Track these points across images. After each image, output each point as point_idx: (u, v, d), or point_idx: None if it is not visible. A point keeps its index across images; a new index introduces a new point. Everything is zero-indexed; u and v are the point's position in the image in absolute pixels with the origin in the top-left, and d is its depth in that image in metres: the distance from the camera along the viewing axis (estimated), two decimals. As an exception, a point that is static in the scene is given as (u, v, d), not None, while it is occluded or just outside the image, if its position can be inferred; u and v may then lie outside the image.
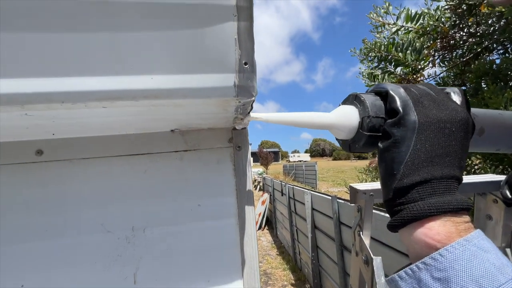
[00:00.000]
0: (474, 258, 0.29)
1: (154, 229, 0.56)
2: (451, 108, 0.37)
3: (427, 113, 0.36)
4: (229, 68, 0.39)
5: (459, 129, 0.36)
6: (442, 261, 0.30)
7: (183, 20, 0.36)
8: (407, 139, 0.35)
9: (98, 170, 0.56)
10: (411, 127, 0.35)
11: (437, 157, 0.35)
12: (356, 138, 0.43)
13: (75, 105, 0.37)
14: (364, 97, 0.42)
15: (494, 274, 0.28)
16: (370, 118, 0.40)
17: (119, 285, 0.53)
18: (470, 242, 0.31)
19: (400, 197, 0.36)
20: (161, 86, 0.38)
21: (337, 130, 0.45)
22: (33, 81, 0.34)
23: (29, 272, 0.52)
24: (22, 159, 0.54)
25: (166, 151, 0.59)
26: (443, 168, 0.35)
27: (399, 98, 0.38)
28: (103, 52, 0.36)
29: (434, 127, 0.35)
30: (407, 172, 0.35)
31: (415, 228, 0.34)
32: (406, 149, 0.35)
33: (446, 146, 0.35)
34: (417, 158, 0.35)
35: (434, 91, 0.39)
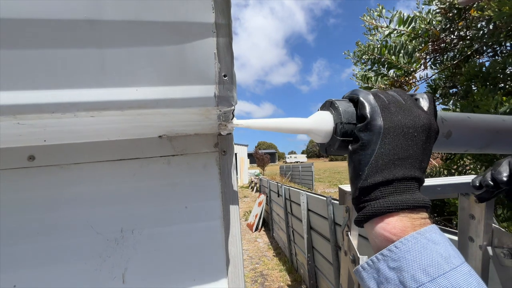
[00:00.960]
0: (424, 250, 0.32)
1: (142, 230, 0.59)
2: (415, 114, 0.40)
3: (392, 119, 0.39)
4: (210, 80, 0.42)
5: (420, 134, 0.39)
6: (396, 252, 0.33)
7: (166, 36, 0.39)
8: (372, 143, 0.38)
9: (88, 174, 0.59)
10: (376, 131, 0.38)
11: (399, 160, 0.37)
12: (331, 142, 0.46)
13: (64, 115, 0.39)
14: (338, 104, 0.45)
15: (440, 263, 0.31)
16: (342, 124, 0.43)
17: (108, 285, 0.56)
18: (422, 235, 0.34)
19: (364, 196, 0.39)
20: (146, 97, 0.40)
21: (315, 135, 0.47)
22: (25, 93, 0.37)
23: (22, 273, 0.54)
24: (15, 164, 0.56)
25: (154, 156, 0.61)
26: (404, 170, 0.37)
27: (368, 105, 0.40)
28: (91, 66, 0.38)
29: (398, 131, 0.38)
30: (371, 173, 0.38)
31: (375, 223, 0.37)
32: (371, 152, 0.38)
33: (408, 149, 0.38)
34: (380, 160, 0.38)
35: (403, 97, 0.42)
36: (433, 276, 0.30)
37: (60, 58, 0.37)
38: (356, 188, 0.39)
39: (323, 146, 0.50)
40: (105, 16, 0.37)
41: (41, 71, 0.37)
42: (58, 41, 0.37)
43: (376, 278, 0.35)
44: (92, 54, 0.38)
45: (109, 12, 0.37)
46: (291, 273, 5.34)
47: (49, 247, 0.56)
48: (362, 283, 0.37)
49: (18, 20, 0.35)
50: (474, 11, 2.33)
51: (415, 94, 0.45)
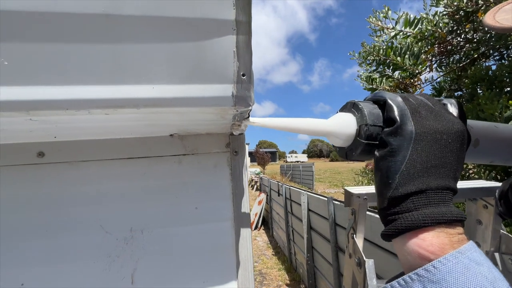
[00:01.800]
0: (467, 271, 0.29)
1: (152, 230, 0.58)
2: (447, 119, 0.37)
3: (424, 124, 0.36)
4: (228, 79, 0.41)
5: (455, 141, 0.36)
6: (435, 273, 0.30)
7: (185, 33, 0.38)
8: (403, 148, 0.35)
9: (98, 172, 0.58)
10: (407, 137, 0.35)
11: (433, 168, 0.35)
12: (353, 146, 0.43)
13: (78, 112, 0.38)
14: (362, 105, 0.42)
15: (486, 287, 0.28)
16: (367, 126, 0.40)
17: (117, 285, 0.55)
18: (463, 254, 0.31)
19: (394, 207, 0.35)
20: (162, 95, 0.39)
21: (334, 138, 0.44)
22: (39, 88, 0.36)
23: (29, 271, 0.53)
24: (24, 160, 0.55)
25: (165, 155, 0.60)
26: (438, 179, 0.35)
27: (397, 108, 0.38)
28: (107, 62, 0.37)
29: (431, 137, 0.35)
30: (402, 182, 0.35)
31: (408, 238, 0.34)
32: (402, 159, 0.35)
33: (442, 157, 0.35)
34: (412, 168, 0.35)
35: (431, 102, 0.39)
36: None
37: (76, 53, 0.36)
38: (385, 198, 0.36)
39: (342, 151, 0.46)
40: (123, 11, 0.35)
41: (55, 67, 0.36)
42: (74, 36, 0.35)
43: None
44: (108, 50, 0.37)
45: (127, 7, 0.35)
46: (289, 273, 5.35)
47: (57, 245, 0.55)
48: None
49: (33, 13, 0.34)
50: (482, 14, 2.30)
51: (441, 99, 0.42)
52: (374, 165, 0.39)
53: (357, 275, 1.13)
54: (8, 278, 0.52)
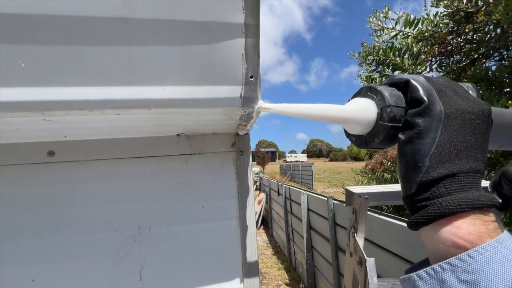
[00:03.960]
0: (507, 262, 0.27)
1: (159, 228, 0.59)
2: (473, 100, 0.35)
3: (452, 103, 0.34)
4: (236, 81, 0.42)
5: (483, 121, 0.34)
6: (471, 263, 0.28)
7: (195, 36, 0.39)
8: (432, 129, 0.33)
9: (107, 171, 0.59)
10: (437, 117, 0.33)
11: (464, 150, 0.33)
12: (374, 132, 0.40)
13: (92, 112, 0.39)
14: (380, 88, 0.40)
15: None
16: (391, 108, 0.37)
17: (125, 282, 0.56)
18: (502, 244, 0.29)
19: (425, 192, 0.33)
20: (173, 96, 0.40)
21: (353, 125, 0.41)
22: (54, 90, 0.37)
23: (40, 267, 0.55)
24: (34, 159, 0.56)
25: (172, 154, 0.62)
26: (469, 162, 0.33)
27: (422, 87, 0.35)
28: (120, 64, 0.38)
29: (460, 118, 0.33)
30: (434, 165, 0.32)
31: (441, 226, 0.31)
32: (432, 141, 0.33)
33: (471, 138, 0.33)
34: (443, 150, 0.32)
35: (452, 83, 0.38)
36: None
37: (90, 55, 0.37)
38: (414, 183, 0.33)
39: (361, 139, 0.43)
40: (137, 14, 0.36)
41: (70, 68, 0.37)
42: (89, 38, 0.36)
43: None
44: (122, 52, 0.38)
45: (141, 10, 0.36)
46: (289, 272, 5.37)
47: (67, 243, 0.56)
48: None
49: (50, 17, 0.35)
50: (482, 15, 2.32)
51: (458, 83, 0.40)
52: (398, 150, 0.37)
53: (358, 273, 1.14)
54: (19, 274, 0.53)
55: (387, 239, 2.08)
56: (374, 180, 3.43)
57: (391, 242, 2.04)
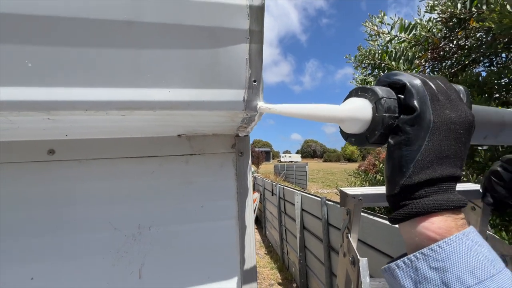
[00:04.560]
0: (470, 251, 0.32)
1: (159, 227, 0.60)
2: (461, 109, 0.38)
3: (441, 113, 0.37)
4: (240, 85, 0.43)
5: (466, 131, 0.37)
6: (440, 252, 0.32)
7: (201, 40, 0.40)
8: (420, 138, 0.36)
9: (107, 170, 0.59)
10: (425, 126, 0.36)
11: (445, 158, 0.36)
12: (373, 126, 0.41)
13: (97, 112, 0.40)
14: (369, 86, 0.42)
15: (487, 266, 0.31)
16: (384, 99, 0.39)
17: (125, 280, 0.57)
18: (467, 236, 0.33)
19: (406, 193, 0.37)
20: (178, 98, 0.41)
21: (351, 123, 0.42)
22: (60, 90, 0.37)
23: (39, 266, 0.55)
24: (34, 157, 0.56)
25: (173, 154, 0.62)
26: (448, 168, 0.36)
27: (417, 94, 0.37)
28: (126, 66, 0.39)
29: (446, 127, 0.36)
30: (417, 171, 0.36)
31: (417, 222, 0.36)
32: (418, 148, 0.36)
33: (454, 147, 0.37)
34: (427, 157, 0.36)
35: (447, 87, 0.39)
36: (481, 279, 0.30)
37: (97, 56, 0.38)
38: (397, 185, 0.37)
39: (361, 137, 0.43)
40: (144, 18, 0.37)
41: (77, 69, 0.38)
42: (96, 40, 0.37)
43: (413, 277, 0.34)
44: (128, 54, 0.38)
45: (148, 14, 0.37)
46: (282, 271, 5.40)
47: (67, 241, 0.56)
48: (393, 281, 0.36)
49: (56, 18, 0.35)
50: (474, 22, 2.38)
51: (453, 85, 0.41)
52: (387, 152, 0.40)
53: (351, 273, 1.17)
54: (18, 272, 0.53)
55: (379, 239, 2.12)
56: (367, 181, 3.49)
57: (383, 243, 2.08)
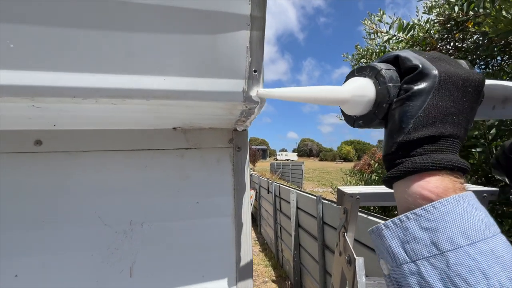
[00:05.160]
0: (466, 213, 0.30)
1: (152, 224, 0.57)
2: (467, 69, 0.36)
3: (447, 69, 0.35)
4: (239, 75, 0.41)
5: (474, 89, 0.35)
6: (433, 213, 0.31)
7: (198, 25, 0.38)
8: (424, 93, 0.34)
9: (98, 163, 0.56)
10: (431, 80, 0.34)
11: (450, 115, 0.34)
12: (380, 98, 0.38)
13: (85, 100, 0.37)
14: (366, 64, 0.40)
15: (481, 229, 0.29)
16: (384, 70, 0.38)
17: (115, 278, 0.54)
18: (464, 199, 0.31)
19: (403, 151, 0.35)
20: (173, 87, 0.39)
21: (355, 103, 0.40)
22: (45, 74, 0.35)
23: (23, 261, 0.52)
24: (20, 148, 0.53)
25: (168, 148, 0.60)
26: (451, 127, 0.34)
27: (413, 57, 0.36)
28: (118, 50, 0.36)
29: (453, 83, 0.34)
30: (417, 127, 0.34)
31: (413, 181, 0.34)
32: (421, 103, 0.34)
33: (460, 104, 0.35)
34: (430, 113, 0.34)
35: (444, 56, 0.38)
36: (473, 240, 0.29)
37: (86, 39, 0.35)
38: (395, 142, 0.35)
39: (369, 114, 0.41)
40: (138, -1, 0.34)
41: (64, 52, 0.35)
42: (84, 21, 0.34)
43: (401, 237, 0.32)
44: (120, 37, 0.36)
45: (143, -5, 0.35)
46: (276, 269, 5.41)
47: (53, 236, 0.53)
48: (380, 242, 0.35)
49: (43, -4, 0.32)
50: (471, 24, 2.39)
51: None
52: (389, 112, 0.38)
53: (346, 272, 1.16)
54: (1, 268, 0.50)
55: (374, 238, 2.13)
56: (362, 181, 3.50)
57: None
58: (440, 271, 0.29)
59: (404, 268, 0.31)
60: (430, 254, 0.30)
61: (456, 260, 0.28)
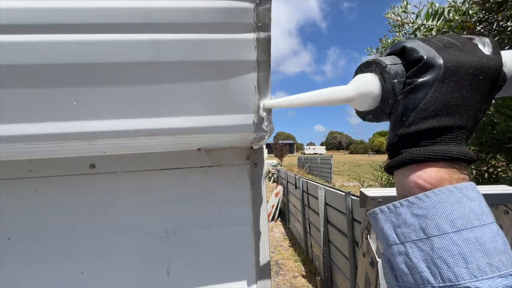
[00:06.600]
0: (457, 203, 0.31)
1: (183, 232, 0.67)
2: (481, 55, 0.34)
3: (453, 57, 0.34)
4: (250, 110, 0.48)
5: (486, 78, 0.33)
6: (425, 201, 0.32)
7: (214, 73, 0.45)
8: (427, 85, 0.34)
9: (138, 181, 0.68)
10: (434, 73, 0.33)
11: (454, 106, 0.33)
12: (386, 95, 0.38)
13: (128, 139, 0.47)
14: (373, 58, 0.40)
15: (470, 218, 0.30)
16: (388, 66, 0.37)
17: (155, 277, 0.65)
18: (459, 189, 0.32)
19: (403, 143, 0.36)
20: (195, 124, 0.47)
21: (362, 100, 0.41)
22: (98, 122, 0.45)
23: (87, 262, 0.65)
24: (79, 171, 0.66)
25: (194, 166, 0.69)
26: (456, 118, 0.33)
27: (418, 47, 0.35)
28: (151, 99, 0.45)
29: (460, 72, 0.33)
30: (417, 120, 0.34)
31: (411, 171, 0.35)
32: (423, 96, 0.34)
33: (467, 95, 0.33)
34: (431, 106, 0.33)
35: (459, 40, 0.36)
36: (459, 228, 0.30)
37: (127, 92, 0.44)
38: (396, 134, 0.36)
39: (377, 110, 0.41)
40: (164, 58, 0.43)
41: (110, 104, 0.44)
42: (127, 79, 0.43)
43: (393, 221, 0.34)
44: (152, 89, 0.44)
45: (168, 55, 0.43)
46: (306, 264, 5.45)
47: (105, 243, 0.66)
48: (375, 224, 0.37)
49: (94, 65, 0.42)
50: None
51: (472, 37, 0.37)
52: (394, 104, 0.38)
53: (370, 274, 1.18)
54: (70, 268, 0.64)
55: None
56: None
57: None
58: (425, 253, 0.31)
59: (393, 248, 0.34)
60: (418, 238, 0.32)
61: (440, 244, 0.30)
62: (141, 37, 0.41)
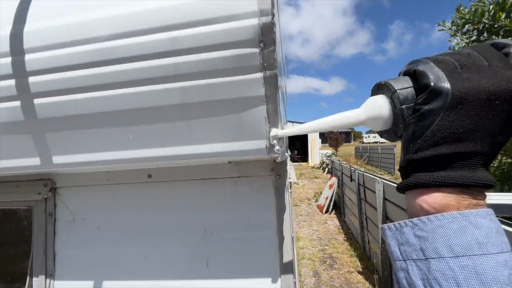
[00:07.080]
0: (459, 230, 0.31)
1: (218, 232, 0.80)
2: (501, 76, 0.32)
3: (465, 82, 0.32)
4: (262, 136, 0.55)
5: (504, 102, 0.31)
6: (427, 224, 0.33)
7: (230, 108, 0.55)
8: (433, 113, 0.33)
9: (184, 188, 0.83)
10: (441, 101, 0.33)
11: (465, 133, 0.32)
12: (396, 120, 0.39)
13: (169, 162, 0.60)
14: (385, 81, 0.40)
15: (471, 246, 0.30)
16: (398, 92, 0.37)
17: (198, 268, 0.80)
18: (465, 217, 0.32)
19: (411, 167, 0.36)
20: (217, 150, 0.57)
21: (373, 123, 0.41)
22: (147, 150, 0.59)
23: (149, 251, 0.85)
24: (139, 180, 0.85)
25: (225, 177, 0.81)
26: (469, 144, 0.33)
27: (429, 71, 0.34)
28: (182, 132, 0.57)
29: (472, 98, 0.32)
30: (423, 147, 0.34)
31: (417, 194, 0.36)
32: (429, 124, 0.34)
33: (482, 121, 0.32)
34: (438, 133, 0.33)
35: (484, 55, 0.34)
36: (457, 254, 0.30)
37: (166, 128, 0.58)
38: (405, 159, 0.37)
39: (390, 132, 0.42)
40: (191, 99, 0.54)
41: (155, 137, 0.58)
42: (167, 118, 0.57)
43: (398, 239, 0.36)
44: (183, 124, 0.57)
45: (194, 97, 0.54)
46: (362, 260, 5.24)
47: (161, 237, 0.84)
48: (385, 238, 0.39)
49: (141, 109, 0.56)
50: None
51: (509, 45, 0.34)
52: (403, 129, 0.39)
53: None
54: (138, 254, 0.84)
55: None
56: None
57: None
58: (422, 272, 0.33)
59: (397, 263, 0.36)
60: (417, 258, 0.33)
61: (436, 267, 0.31)
62: (172, 86, 0.53)
